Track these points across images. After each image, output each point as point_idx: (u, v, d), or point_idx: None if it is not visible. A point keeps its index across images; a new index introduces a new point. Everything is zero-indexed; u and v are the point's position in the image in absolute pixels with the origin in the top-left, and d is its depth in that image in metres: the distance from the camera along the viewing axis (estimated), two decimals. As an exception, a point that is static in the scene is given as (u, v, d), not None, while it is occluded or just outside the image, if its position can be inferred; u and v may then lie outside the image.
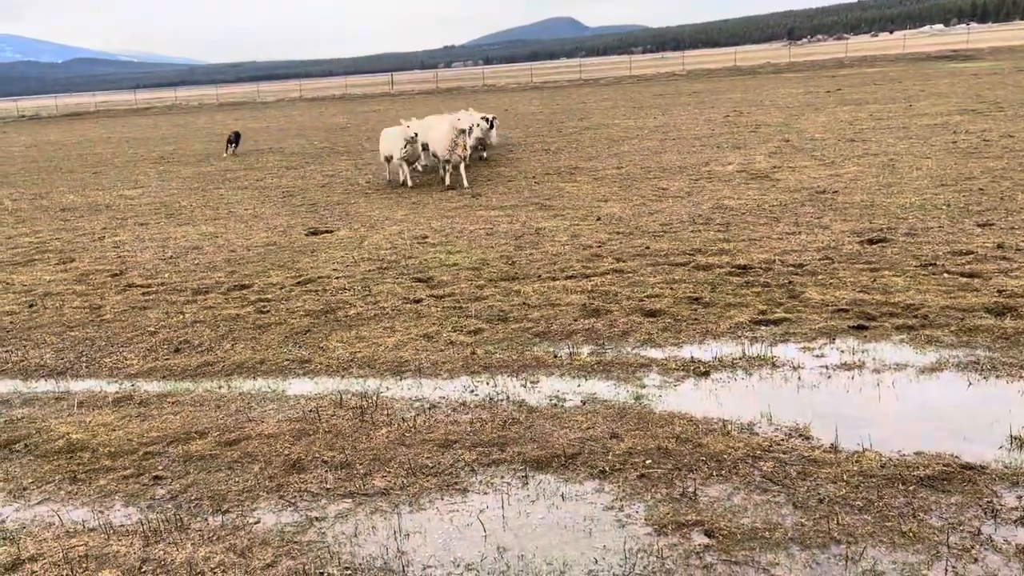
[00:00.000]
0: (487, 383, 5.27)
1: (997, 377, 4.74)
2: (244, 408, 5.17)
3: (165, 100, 76.79)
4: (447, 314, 6.72)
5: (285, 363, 5.92)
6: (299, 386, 5.49)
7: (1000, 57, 40.36)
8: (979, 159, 11.82)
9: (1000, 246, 7.27)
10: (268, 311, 7.19)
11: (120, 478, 4.35)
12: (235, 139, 22.69)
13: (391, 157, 14.14)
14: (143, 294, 8.10)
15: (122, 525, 3.88)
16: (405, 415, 4.86)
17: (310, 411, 5.02)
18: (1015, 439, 4.02)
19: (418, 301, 7.14)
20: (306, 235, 10.45)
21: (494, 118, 17.47)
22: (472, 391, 5.16)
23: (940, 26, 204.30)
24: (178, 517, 3.89)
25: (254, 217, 12.12)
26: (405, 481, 4.08)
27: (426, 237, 9.74)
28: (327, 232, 10.53)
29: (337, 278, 8.12)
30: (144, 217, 12.86)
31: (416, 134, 13.24)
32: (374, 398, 5.15)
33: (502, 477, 4.06)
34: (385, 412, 4.93)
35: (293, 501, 3.98)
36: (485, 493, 3.93)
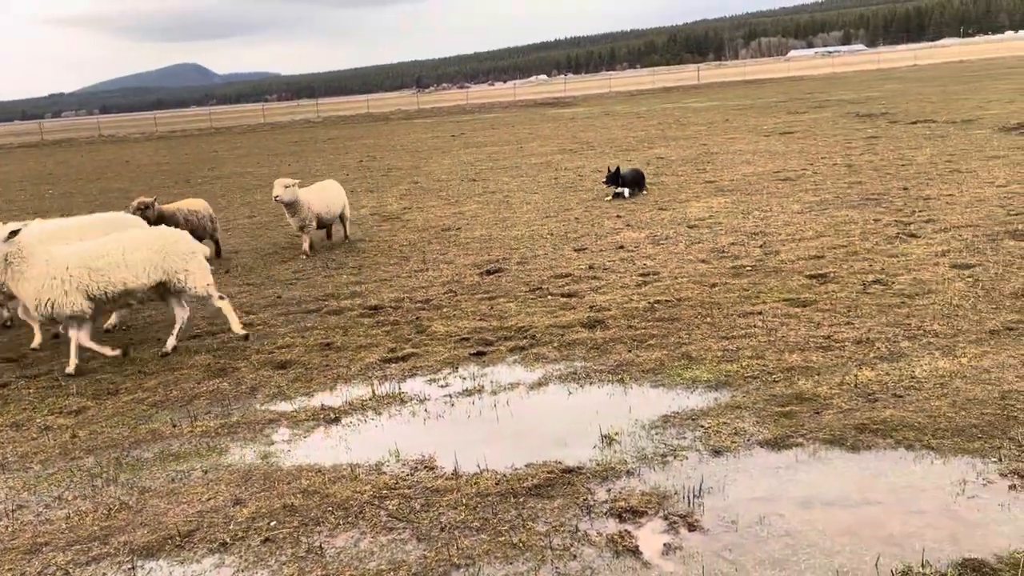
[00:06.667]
0: (90, 469, 4.65)
1: (591, 384, 5.33)
2: None
3: None
4: (42, 395, 5.85)
5: None
6: None
7: (591, 103, 46.73)
8: (575, 192, 13.44)
9: (591, 267, 8.28)
10: None
11: None
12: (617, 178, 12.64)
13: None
14: None
15: None
16: (-20, 525, 4.08)
17: None
18: (605, 438, 4.52)
19: (5, 385, 6.12)
20: None
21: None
22: (70, 481, 4.51)
23: (544, 77, 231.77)
24: None
25: None
26: (-24, 606, 3.40)
27: (19, 309, 8.44)
28: None
29: None
30: None
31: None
32: (-62, 511, 4.26)
33: (104, 574, 3.57)
34: (-48, 526, 4.09)
35: None
36: (82, 598, 3.42)
